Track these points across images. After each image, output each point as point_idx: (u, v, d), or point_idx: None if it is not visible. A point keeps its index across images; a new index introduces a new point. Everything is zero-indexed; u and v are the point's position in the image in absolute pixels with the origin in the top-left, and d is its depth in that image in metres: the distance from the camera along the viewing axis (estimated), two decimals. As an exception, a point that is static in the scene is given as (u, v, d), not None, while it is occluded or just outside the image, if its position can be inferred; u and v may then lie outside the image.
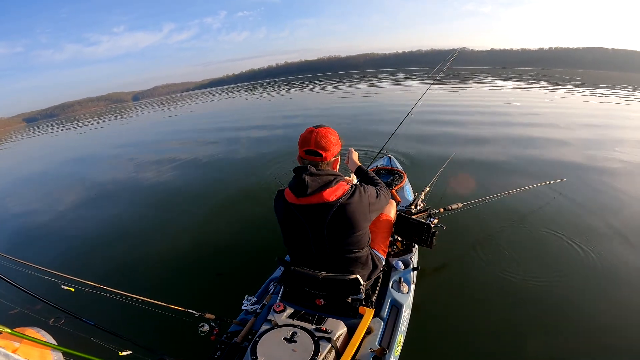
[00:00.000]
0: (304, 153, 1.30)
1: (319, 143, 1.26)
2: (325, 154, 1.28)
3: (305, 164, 1.26)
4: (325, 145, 1.27)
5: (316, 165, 1.29)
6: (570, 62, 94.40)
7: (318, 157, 1.28)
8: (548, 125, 6.85)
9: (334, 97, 17.08)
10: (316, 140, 1.27)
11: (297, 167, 1.28)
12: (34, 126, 44.72)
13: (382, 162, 3.36)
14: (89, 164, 8.44)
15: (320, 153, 1.27)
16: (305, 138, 1.29)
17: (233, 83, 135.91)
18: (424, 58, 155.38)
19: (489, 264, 2.43)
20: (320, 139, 1.27)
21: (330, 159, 1.30)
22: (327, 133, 1.30)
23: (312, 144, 1.27)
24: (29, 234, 4.28)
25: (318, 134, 1.28)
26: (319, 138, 1.27)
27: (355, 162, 1.76)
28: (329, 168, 1.31)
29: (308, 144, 1.27)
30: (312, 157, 1.29)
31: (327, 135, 1.29)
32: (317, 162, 1.29)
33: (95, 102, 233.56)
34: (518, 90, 15.93)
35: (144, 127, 16.51)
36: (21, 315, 1.50)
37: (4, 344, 0.89)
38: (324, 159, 1.28)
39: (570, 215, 3.01)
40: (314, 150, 1.27)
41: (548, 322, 1.89)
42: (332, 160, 1.32)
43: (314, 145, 1.26)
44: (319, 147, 1.26)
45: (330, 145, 1.28)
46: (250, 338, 1.33)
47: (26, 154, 14.37)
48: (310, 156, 1.29)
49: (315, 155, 1.28)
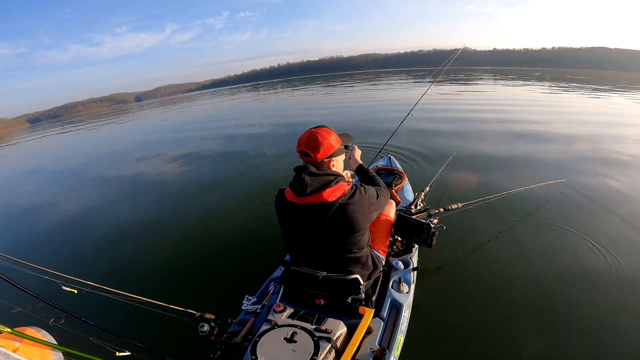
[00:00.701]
0: (299, 153, 1.35)
1: (309, 144, 1.29)
2: (314, 154, 1.29)
3: (306, 165, 1.28)
4: (315, 146, 1.28)
5: (316, 165, 1.29)
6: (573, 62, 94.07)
7: (307, 157, 1.31)
8: (549, 125, 6.84)
9: (335, 98, 17.08)
10: (307, 141, 1.30)
11: (298, 167, 1.30)
12: (37, 127, 44.90)
13: (382, 162, 3.36)
14: (88, 164, 8.45)
15: (308, 153, 1.29)
16: (300, 138, 1.33)
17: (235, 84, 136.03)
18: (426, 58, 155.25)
19: (489, 263, 2.43)
20: (312, 140, 1.29)
21: (320, 159, 1.30)
22: (322, 134, 1.30)
23: (304, 145, 1.30)
24: (29, 234, 4.29)
25: (311, 134, 1.30)
26: (310, 139, 1.29)
27: (356, 160, 1.75)
28: (324, 168, 1.32)
29: (300, 144, 1.32)
30: (304, 158, 1.33)
31: (321, 137, 1.29)
32: (308, 162, 1.31)
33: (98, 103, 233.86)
34: (519, 90, 15.92)
35: (145, 128, 16.51)
36: (21, 315, 1.50)
37: (5, 344, 0.89)
38: (314, 159, 1.29)
39: (570, 215, 3.01)
40: (304, 151, 1.30)
41: (548, 322, 1.88)
42: (326, 161, 1.32)
43: (305, 145, 1.30)
44: (309, 148, 1.29)
45: (320, 146, 1.28)
46: (250, 338, 1.33)
47: (28, 154, 14.40)
48: (303, 157, 1.33)
49: (305, 156, 1.31)
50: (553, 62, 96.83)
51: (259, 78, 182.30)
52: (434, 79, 3.42)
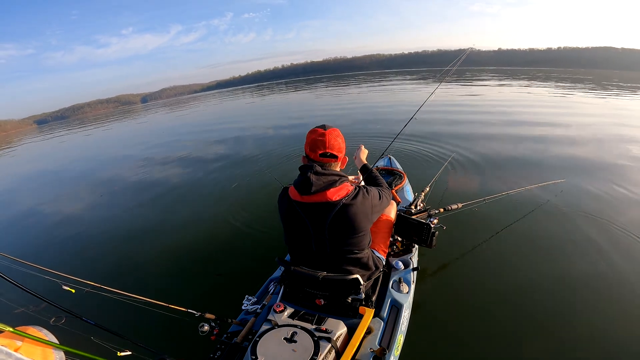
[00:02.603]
0: (318, 156, 1.30)
1: (333, 145, 1.29)
2: (340, 155, 1.33)
3: (312, 164, 1.28)
4: (339, 147, 1.31)
5: (324, 165, 1.30)
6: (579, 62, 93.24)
7: (334, 158, 1.31)
8: (549, 125, 6.83)
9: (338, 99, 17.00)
10: (331, 143, 1.29)
11: (303, 166, 1.31)
12: (45, 128, 45.13)
13: (382, 163, 3.36)
14: (90, 165, 8.50)
15: (335, 155, 1.30)
16: (316, 141, 1.29)
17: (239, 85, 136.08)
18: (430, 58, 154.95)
19: (489, 263, 2.43)
20: (334, 141, 1.30)
21: (341, 159, 1.36)
22: (337, 134, 1.33)
23: (328, 147, 1.28)
24: (30, 234, 4.31)
25: (331, 135, 1.30)
26: (333, 140, 1.29)
27: (362, 160, 1.77)
28: (338, 167, 1.34)
29: (323, 147, 1.28)
30: (328, 160, 1.30)
31: (338, 137, 1.32)
32: (330, 163, 1.31)
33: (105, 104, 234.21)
34: (521, 89, 15.86)
35: (149, 129, 16.58)
36: (23, 314, 1.50)
37: (7, 343, 0.89)
38: (339, 159, 1.33)
39: (569, 215, 3.00)
40: (330, 153, 1.29)
41: (548, 322, 1.88)
42: (341, 160, 1.37)
43: (329, 147, 1.28)
44: (334, 149, 1.30)
45: (342, 146, 1.33)
46: (250, 338, 1.34)
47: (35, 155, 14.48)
48: (326, 158, 1.30)
49: (332, 157, 1.30)
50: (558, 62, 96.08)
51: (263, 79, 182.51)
52: (439, 81, 3.41)
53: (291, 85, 40.19)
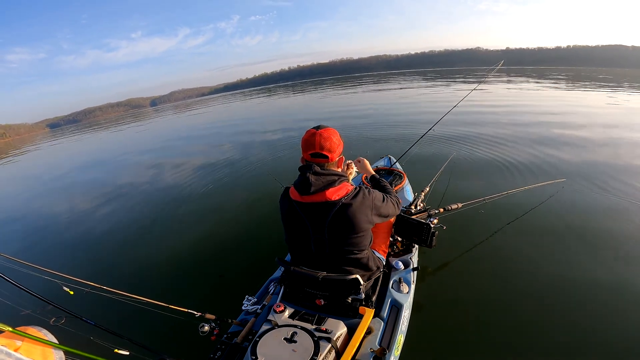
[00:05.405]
0: (309, 156, 1.31)
1: (323, 145, 1.28)
2: (331, 155, 1.30)
3: (310, 164, 1.28)
4: (329, 146, 1.29)
5: (321, 165, 1.30)
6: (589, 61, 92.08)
7: (324, 158, 1.30)
8: (549, 125, 6.82)
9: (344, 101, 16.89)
10: (320, 143, 1.28)
11: (302, 166, 1.31)
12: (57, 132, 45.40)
13: (382, 162, 3.36)
14: (96, 168, 8.53)
15: (326, 155, 1.29)
16: (308, 141, 1.30)
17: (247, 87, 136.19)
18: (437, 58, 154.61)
19: (489, 263, 2.43)
20: (325, 141, 1.29)
21: (335, 159, 1.33)
22: (329, 134, 1.31)
23: (317, 147, 1.28)
24: (31, 235, 4.31)
25: (321, 136, 1.29)
26: (322, 140, 1.28)
27: (369, 170, 1.80)
28: (334, 168, 1.33)
29: (313, 147, 1.29)
30: (318, 160, 1.31)
31: (330, 137, 1.31)
32: (323, 163, 1.31)
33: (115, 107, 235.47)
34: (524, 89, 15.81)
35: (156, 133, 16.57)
36: (23, 314, 1.50)
37: (6, 343, 0.89)
38: (330, 159, 1.31)
39: (569, 214, 3.00)
40: (320, 153, 1.29)
41: (548, 322, 1.88)
42: (337, 160, 1.36)
43: (319, 147, 1.28)
44: (324, 149, 1.28)
45: (334, 146, 1.31)
46: (251, 338, 1.34)
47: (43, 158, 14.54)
48: (317, 159, 1.31)
49: (322, 157, 1.30)
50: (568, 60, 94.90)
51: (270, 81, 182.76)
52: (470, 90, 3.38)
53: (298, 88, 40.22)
